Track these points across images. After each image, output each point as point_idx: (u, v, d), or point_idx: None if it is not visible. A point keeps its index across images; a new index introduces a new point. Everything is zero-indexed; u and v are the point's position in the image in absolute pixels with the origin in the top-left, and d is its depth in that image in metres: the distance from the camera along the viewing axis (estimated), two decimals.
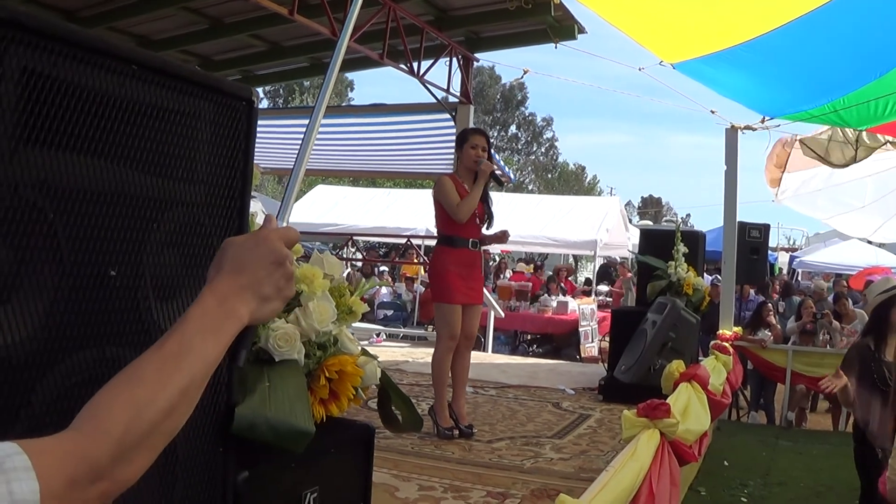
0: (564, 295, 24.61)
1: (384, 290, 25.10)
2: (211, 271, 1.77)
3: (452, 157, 15.74)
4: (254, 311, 1.75)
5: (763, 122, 13.57)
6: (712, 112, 14.39)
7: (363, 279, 22.24)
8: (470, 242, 9.02)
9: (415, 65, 14.71)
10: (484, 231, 9.18)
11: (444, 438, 8.55)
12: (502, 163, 24.68)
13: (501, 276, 28.39)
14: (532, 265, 33.51)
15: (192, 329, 1.60)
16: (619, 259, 33.47)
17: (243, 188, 2.93)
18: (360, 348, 3.61)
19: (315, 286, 3.39)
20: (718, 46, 10.34)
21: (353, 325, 3.89)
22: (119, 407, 1.43)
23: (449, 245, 8.86)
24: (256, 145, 2.95)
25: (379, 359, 3.80)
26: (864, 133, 14.96)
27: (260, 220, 2.34)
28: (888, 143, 15.25)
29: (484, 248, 9.56)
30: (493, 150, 9.50)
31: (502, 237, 9.38)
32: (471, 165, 8.90)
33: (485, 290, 17.48)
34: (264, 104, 64.57)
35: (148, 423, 1.45)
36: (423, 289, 23.00)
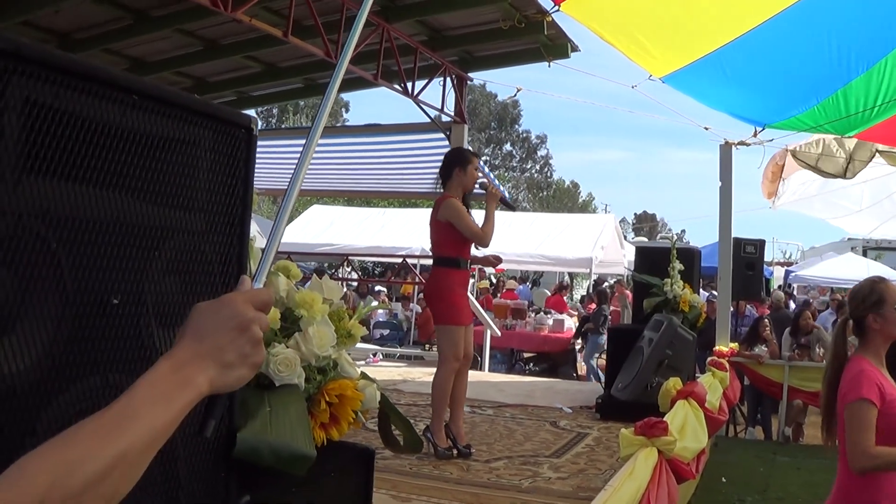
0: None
1: (380, 309, 25.10)
2: (177, 337, 1.67)
3: None
4: (214, 380, 1.63)
5: (755, 134, 13.58)
6: (706, 129, 14.45)
7: (359, 300, 22.27)
8: (468, 263, 9.12)
9: (409, 85, 14.75)
10: (474, 252, 9.20)
11: (442, 458, 8.54)
12: (497, 181, 24.68)
13: (498, 294, 28.43)
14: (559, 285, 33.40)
15: (140, 396, 1.51)
16: (611, 278, 33.52)
17: (243, 215, 2.94)
18: (359, 372, 3.63)
19: (314, 311, 3.39)
20: (700, 52, 10.40)
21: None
22: (46, 466, 1.36)
23: (454, 267, 8.85)
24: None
25: (377, 380, 3.81)
26: (853, 145, 15.02)
27: (260, 244, 2.31)
28: (878, 153, 15.29)
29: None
30: (487, 169, 9.53)
31: (495, 262, 9.39)
32: (471, 187, 8.93)
33: (480, 309, 17.52)
34: (258, 125, 64.67)
35: (77, 484, 1.37)
36: (421, 309, 23.01)
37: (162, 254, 2.63)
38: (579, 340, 22.26)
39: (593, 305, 24.02)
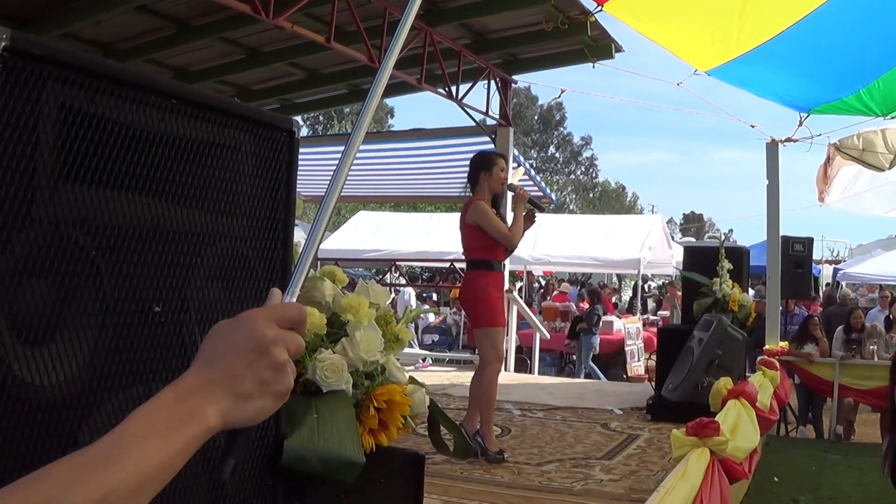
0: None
1: (429, 314, 25.12)
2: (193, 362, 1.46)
3: None
4: (227, 412, 1.40)
5: (801, 123, 13.44)
6: (752, 126, 14.36)
7: (412, 305, 22.28)
8: (502, 265, 9.12)
9: (453, 88, 14.72)
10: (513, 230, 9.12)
11: (492, 462, 8.50)
12: (543, 183, 24.65)
13: (548, 297, 28.37)
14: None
15: (133, 429, 1.31)
16: (656, 278, 33.45)
17: (286, 219, 2.92)
18: (408, 376, 3.59)
19: (361, 316, 3.36)
20: (749, 46, 10.33)
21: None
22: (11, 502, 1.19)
23: (488, 269, 8.83)
24: (298, 173, 2.94)
25: (426, 385, 3.77)
26: (893, 133, 14.87)
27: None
28: None
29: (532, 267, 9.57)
30: (532, 171, 9.51)
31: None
32: (499, 189, 8.93)
33: (529, 312, 17.48)
34: (304, 132, 64.86)
35: None
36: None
37: (204, 260, 2.61)
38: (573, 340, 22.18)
39: (586, 305, 23.91)
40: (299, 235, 2.93)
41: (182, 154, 2.50)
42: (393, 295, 26.76)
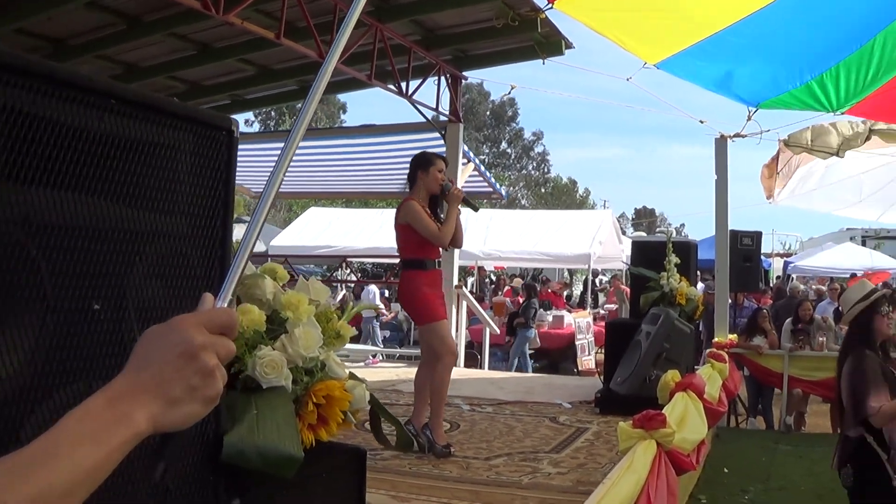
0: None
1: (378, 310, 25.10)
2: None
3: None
4: (157, 417, 1.41)
5: (749, 118, 13.52)
6: (701, 122, 14.47)
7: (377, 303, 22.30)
8: (436, 263, 9.18)
9: (403, 84, 14.74)
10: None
11: (439, 457, 8.55)
12: (493, 179, 24.69)
13: (499, 292, 28.44)
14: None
15: (64, 434, 1.32)
16: (606, 273, 33.61)
17: (225, 217, 2.94)
18: (347, 372, 3.62)
19: (300, 312, 3.39)
20: (698, 37, 10.39)
21: (349, 347, 3.91)
22: None
23: (421, 268, 8.90)
24: (248, 169, 2.97)
25: (368, 381, 3.81)
26: (846, 126, 15.00)
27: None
28: (871, 132, 15.28)
29: (484, 263, 9.61)
30: (483, 167, 9.55)
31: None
32: (436, 189, 8.97)
33: (479, 307, 17.51)
34: (255, 128, 64.63)
35: None
36: None
37: (144, 258, 2.63)
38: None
39: (521, 299, 24.01)
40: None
41: (122, 153, 2.52)
42: (344, 292, 26.79)
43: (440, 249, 9.09)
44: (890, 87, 11.35)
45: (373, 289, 26.80)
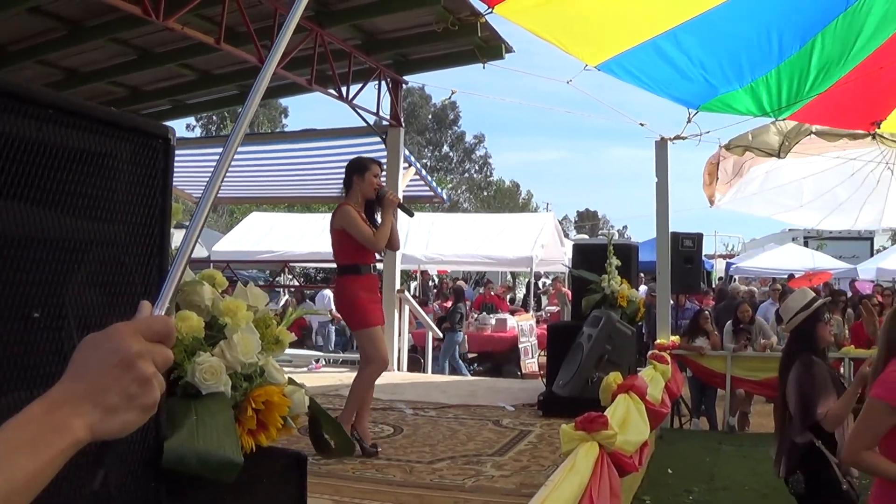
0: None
1: (320, 315, 25.03)
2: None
3: (384, 180, 15.79)
4: (95, 425, 1.40)
5: (689, 119, 13.60)
6: (642, 125, 14.55)
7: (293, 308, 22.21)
8: (372, 268, 9.23)
9: (344, 89, 14.73)
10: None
11: (369, 456, 8.65)
12: (434, 183, 24.70)
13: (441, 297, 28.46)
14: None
15: (3, 442, 1.32)
16: (549, 275, 33.69)
17: (163, 225, 2.95)
18: (286, 378, 3.64)
19: (239, 318, 3.41)
20: (638, 39, 10.45)
21: (292, 352, 3.92)
22: None
23: (355, 273, 8.95)
24: (190, 175, 2.98)
25: (311, 386, 3.82)
26: (788, 127, 15.14)
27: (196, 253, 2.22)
28: (813, 134, 15.43)
29: (422, 267, 9.66)
30: (424, 171, 9.58)
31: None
32: (371, 194, 8.99)
33: (422, 311, 17.53)
34: (198, 132, 64.30)
35: None
36: None
37: (83, 266, 2.63)
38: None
39: (449, 304, 24.09)
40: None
41: (60, 163, 2.53)
42: (287, 297, 26.73)
43: (376, 254, 9.12)
44: (829, 92, 11.48)
45: (327, 293, 26.74)
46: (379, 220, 8.99)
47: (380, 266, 18.78)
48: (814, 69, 10.96)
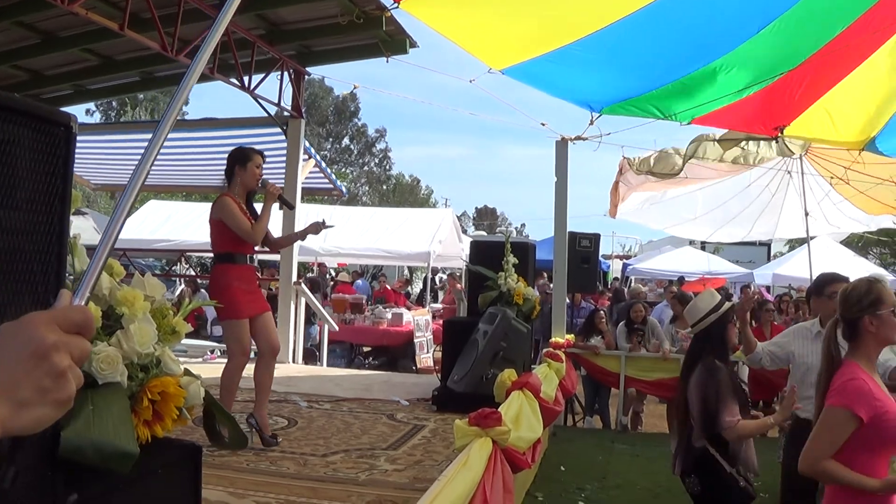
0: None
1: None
2: None
3: (283, 172, 15.70)
4: (6, 420, 1.33)
5: (592, 122, 13.67)
6: (543, 125, 14.62)
7: (188, 298, 22.05)
8: (248, 258, 9.22)
9: (246, 79, 14.67)
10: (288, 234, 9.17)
11: (269, 446, 8.72)
12: (334, 175, 24.65)
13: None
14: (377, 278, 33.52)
15: None
16: (447, 271, 33.79)
17: (62, 213, 2.92)
18: (182, 369, 3.63)
19: (136, 308, 3.39)
20: (546, 48, 10.49)
21: (187, 342, 3.91)
22: None
23: (231, 262, 8.90)
24: (88, 161, 2.96)
25: (207, 378, 3.81)
26: (688, 146, 15.34)
27: (87, 240, 2.18)
28: (716, 142, 15.62)
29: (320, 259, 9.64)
30: (324, 164, 9.55)
31: (316, 229, 9.34)
32: (253, 185, 8.97)
33: (318, 304, 17.48)
34: (97, 118, 63.51)
35: None
36: None
37: None
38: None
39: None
40: (87, 224, 2.88)
41: None
42: (182, 287, 26.51)
43: (250, 246, 9.08)
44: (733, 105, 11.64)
45: None
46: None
47: (276, 257, 18.74)
48: (715, 88, 11.12)
